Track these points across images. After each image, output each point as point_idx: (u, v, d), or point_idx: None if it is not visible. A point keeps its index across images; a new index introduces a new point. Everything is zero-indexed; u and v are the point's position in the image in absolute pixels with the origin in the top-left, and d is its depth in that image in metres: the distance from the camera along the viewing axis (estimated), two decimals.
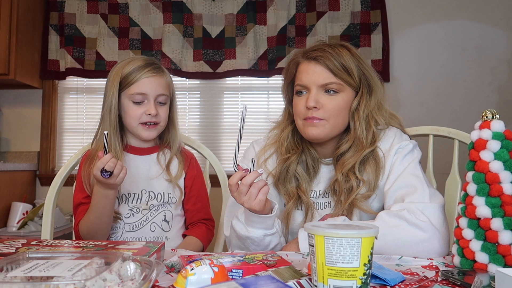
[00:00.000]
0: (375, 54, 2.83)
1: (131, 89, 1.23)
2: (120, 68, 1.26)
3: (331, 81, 1.06)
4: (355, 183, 1.06)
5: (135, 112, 1.24)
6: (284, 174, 1.12)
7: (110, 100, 1.24)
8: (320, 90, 1.07)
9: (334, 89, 1.06)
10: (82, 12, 2.96)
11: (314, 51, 1.08)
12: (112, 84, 1.24)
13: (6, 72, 2.62)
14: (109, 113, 1.24)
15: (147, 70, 1.25)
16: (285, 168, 1.12)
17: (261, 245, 1.02)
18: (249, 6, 2.90)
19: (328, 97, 1.06)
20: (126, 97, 1.25)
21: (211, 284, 0.63)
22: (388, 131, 1.12)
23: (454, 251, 0.83)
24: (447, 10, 2.86)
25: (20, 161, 2.94)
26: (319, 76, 1.06)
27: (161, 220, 1.30)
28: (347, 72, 1.06)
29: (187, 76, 2.91)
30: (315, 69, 1.07)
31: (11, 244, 0.88)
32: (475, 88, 2.82)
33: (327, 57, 1.05)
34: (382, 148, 1.09)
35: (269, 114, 2.91)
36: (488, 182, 0.77)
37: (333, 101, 1.06)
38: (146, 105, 1.24)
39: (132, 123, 1.26)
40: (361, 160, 1.07)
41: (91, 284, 0.56)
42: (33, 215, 2.56)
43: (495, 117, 0.80)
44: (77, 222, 1.25)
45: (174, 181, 1.31)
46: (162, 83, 1.27)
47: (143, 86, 1.24)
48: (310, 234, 0.61)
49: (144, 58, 1.30)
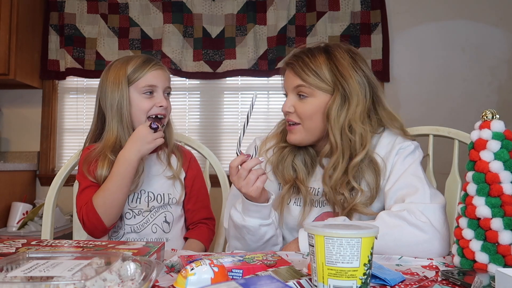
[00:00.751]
0: (375, 54, 2.83)
1: (141, 83, 1.25)
2: (121, 66, 1.26)
3: (299, 84, 1.08)
4: (348, 195, 1.05)
5: (144, 104, 1.25)
6: (281, 160, 1.15)
7: (119, 97, 1.24)
8: (294, 95, 1.10)
9: (304, 93, 1.08)
10: (82, 12, 2.96)
11: (290, 57, 1.12)
12: (119, 81, 1.24)
13: (6, 72, 2.62)
14: (120, 110, 1.24)
15: (152, 64, 1.27)
16: (282, 156, 1.15)
17: (257, 235, 1.04)
18: (249, 6, 2.90)
19: (300, 101, 1.09)
20: (134, 91, 1.25)
21: (211, 284, 0.63)
22: (383, 137, 1.11)
23: (454, 251, 0.83)
24: (447, 10, 2.86)
25: (20, 161, 2.94)
26: (291, 81, 1.10)
27: (162, 222, 1.29)
28: (316, 76, 1.07)
29: (187, 76, 2.91)
30: (288, 74, 1.12)
31: (11, 244, 0.88)
32: (475, 88, 2.82)
33: (297, 62, 1.09)
34: (380, 153, 1.08)
35: (269, 114, 2.91)
36: (488, 182, 0.77)
37: (304, 105, 1.08)
38: (155, 97, 1.26)
39: (140, 117, 1.26)
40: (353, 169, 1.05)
41: (91, 284, 0.56)
42: (33, 215, 2.56)
43: (495, 117, 0.80)
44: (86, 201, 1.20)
45: (176, 176, 1.31)
46: (167, 76, 1.31)
47: (153, 78, 1.26)
48: (310, 234, 0.61)
49: (144, 55, 1.31)
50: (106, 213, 1.17)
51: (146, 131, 1.19)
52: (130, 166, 1.17)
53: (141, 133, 1.19)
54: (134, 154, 1.18)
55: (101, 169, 1.21)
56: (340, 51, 1.09)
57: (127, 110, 1.25)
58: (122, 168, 1.17)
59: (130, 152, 1.18)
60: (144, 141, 1.18)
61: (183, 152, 1.39)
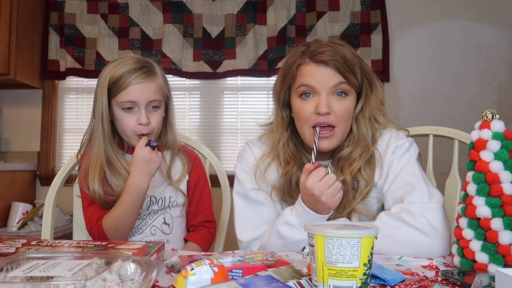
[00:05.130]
0: (375, 54, 2.83)
1: (120, 97, 1.18)
2: (108, 71, 1.20)
3: (341, 81, 1.02)
4: (363, 184, 1.04)
5: (128, 122, 1.19)
6: (288, 186, 1.09)
7: (100, 108, 1.19)
8: (330, 93, 1.03)
9: (344, 91, 1.03)
10: (82, 12, 2.96)
11: (321, 54, 1.02)
12: (101, 91, 1.19)
13: (6, 72, 2.62)
14: (101, 122, 1.19)
15: (136, 75, 1.17)
16: (288, 180, 1.09)
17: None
18: (249, 6, 2.90)
19: (338, 101, 1.03)
20: (116, 105, 1.20)
21: (211, 284, 0.63)
22: (384, 131, 1.11)
23: (454, 251, 0.83)
24: (447, 10, 2.86)
25: (20, 161, 2.94)
26: (331, 79, 1.02)
27: (161, 223, 1.28)
28: (353, 74, 1.03)
29: (187, 76, 2.91)
30: (324, 71, 1.02)
31: (11, 244, 0.88)
32: (475, 88, 2.82)
33: (337, 60, 1.02)
34: (379, 148, 1.08)
35: (269, 114, 2.89)
36: (488, 182, 0.77)
37: (343, 104, 1.03)
38: (137, 112, 1.19)
39: (127, 133, 1.21)
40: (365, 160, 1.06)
41: (91, 284, 0.56)
42: (33, 215, 2.56)
43: (495, 117, 0.80)
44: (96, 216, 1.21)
45: (176, 186, 1.29)
46: (153, 88, 1.20)
47: (132, 93, 1.17)
48: (310, 234, 0.61)
49: (135, 60, 1.21)
50: (118, 236, 1.19)
51: (147, 152, 1.14)
52: (143, 193, 1.16)
53: (144, 157, 1.14)
54: (146, 179, 1.15)
55: (93, 184, 1.19)
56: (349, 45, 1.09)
57: (107, 123, 1.20)
58: (136, 197, 1.15)
59: (141, 180, 1.14)
60: (150, 162, 1.14)
61: (188, 154, 1.36)
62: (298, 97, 1.06)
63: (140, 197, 1.16)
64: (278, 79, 1.13)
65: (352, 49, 1.07)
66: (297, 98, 1.06)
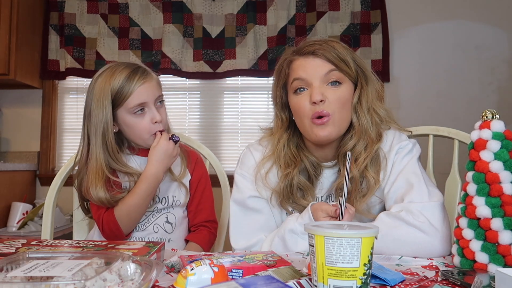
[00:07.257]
0: (375, 54, 2.84)
1: (130, 103, 1.18)
2: (105, 83, 1.18)
3: (332, 69, 1.03)
4: (372, 181, 1.04)
5: (142, 124, 1.20)
6: (288, 190, 1.08)
7: (101, 121, 1.18)
8: (322, 83, 1.03)
9: (337, 80, 1.04)
10: (82, 12, 2.96)
11: (308, 46, 1.05)
12: (100, 105, 1.17)
13: (6, 72, 2.62)
14: (102, 136, 1.18)
15: (137, 78, 1.19)
16: (288, 183, 1.08)
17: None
18: (249, 6, 2.90)
19: (331, 89, 1.03)
20: (126, 112, 1.20)
21: (211, 284, 0.63)
22: (387, 132, 1.11)
23: (454, 251, 0.83)
24: (447, 10, 2.86)
25: (20, 161, 2.94)
26: (321, 68, 1.03)
27: (164, 222, 1.29)
28: (344, 63, 1.04)
29: (187, 76, 2.91)
30: (313, 62, 1.03)
31: (11, 244, 0.88)
32: (475, 88, 2.82)
33: (324, 49, 1.03)
34: (384, 149, 1.08)
35: (269, 114, 2.90)
36: (488, 182, 0.77)
37: (337, 92, 1.03)
38: (148, 113, 1.21)
39: (143, 135, 1.22)
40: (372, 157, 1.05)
41: (91, 284, 0.56)
42: (33, 215, 2.56)
43: (495, 117, 0.80)
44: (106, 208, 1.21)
45: (178, 180, 1.30)
46: (155, 84, 1.23)
47: (140, 95, 1.19)
48: (310, 234, 0.61)
49: (124, 65, 1.22)
50: (128, 224, 1.22)
51: (171, 146, 1.21)
52: (158, 182, 1.21)
53: (167, 149, 1.20)
54: (163, 170, 1.21)
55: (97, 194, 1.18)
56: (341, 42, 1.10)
57: (111, 135, 1.19)
58: (152, 186, 1.20)
59: (159, 170, 1.20)
60: (171, 156, 1.22)
61: (188, 153, 1.37)
62: (293, 93, 1.07)
63: (156, 187, 1.22)
64: (273, 80, 1.14)
65: (343, 44, 1.08)
66: (293, 95, 1.07)
